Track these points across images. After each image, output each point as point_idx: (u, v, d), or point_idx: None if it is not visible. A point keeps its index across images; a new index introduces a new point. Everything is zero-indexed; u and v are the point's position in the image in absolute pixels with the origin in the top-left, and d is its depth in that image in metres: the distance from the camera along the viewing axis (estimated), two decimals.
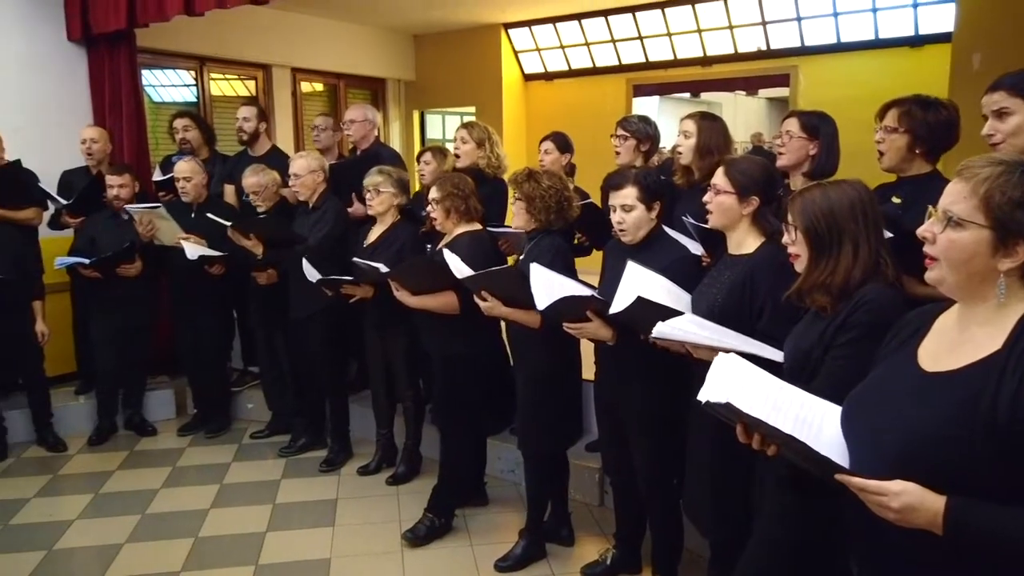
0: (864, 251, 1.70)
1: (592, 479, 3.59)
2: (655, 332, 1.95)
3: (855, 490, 1.28)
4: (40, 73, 5.19)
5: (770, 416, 1.48)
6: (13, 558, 3.22)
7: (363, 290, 3.50)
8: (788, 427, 1.45)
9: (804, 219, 1.76)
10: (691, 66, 7.42)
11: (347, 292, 3.55)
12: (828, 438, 1.46)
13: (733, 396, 1.49)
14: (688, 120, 2.91)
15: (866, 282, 1.69)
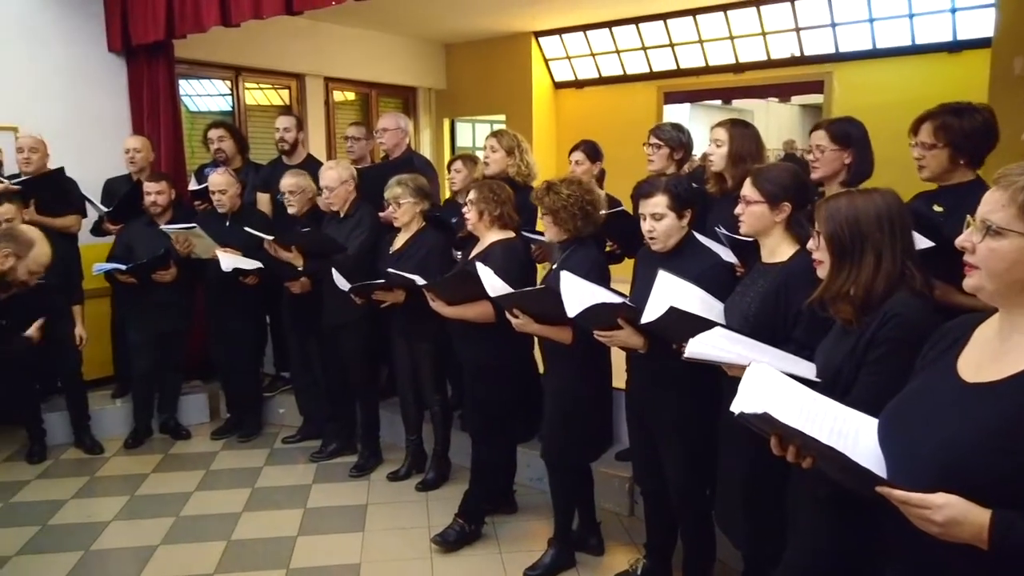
0: (887, 261, 1.68)
1: (622, 488, 3.56)
2: (687, 352, 1.93)
3: (896, 503, 1.25)
4: (82, 83, 5.33)
5: (805, 427, 1.46)
6: (52, 558, 3.28)
7: (395, 295, 3.52)
8: (824, 438, 1.43)
9: (828, 226, 1.74)
10: (723, 73, 7.37)
11: (379, 298, 3.57)
12: (864, 450, 1.43)
13: (770, 407, 1.47)
14: (719, 128, 2.89)
15: (891, 293, 1.66)
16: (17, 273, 2.80)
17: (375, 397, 4.24)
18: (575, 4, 6.90)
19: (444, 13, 7.02)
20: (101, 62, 5.44)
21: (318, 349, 4.30)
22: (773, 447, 1.58)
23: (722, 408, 1.97)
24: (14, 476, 4.12)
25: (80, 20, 5.31)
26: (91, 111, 5.35)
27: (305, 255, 3.90)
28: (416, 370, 3.81)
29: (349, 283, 3.58)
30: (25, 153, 4.39)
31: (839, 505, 1.68)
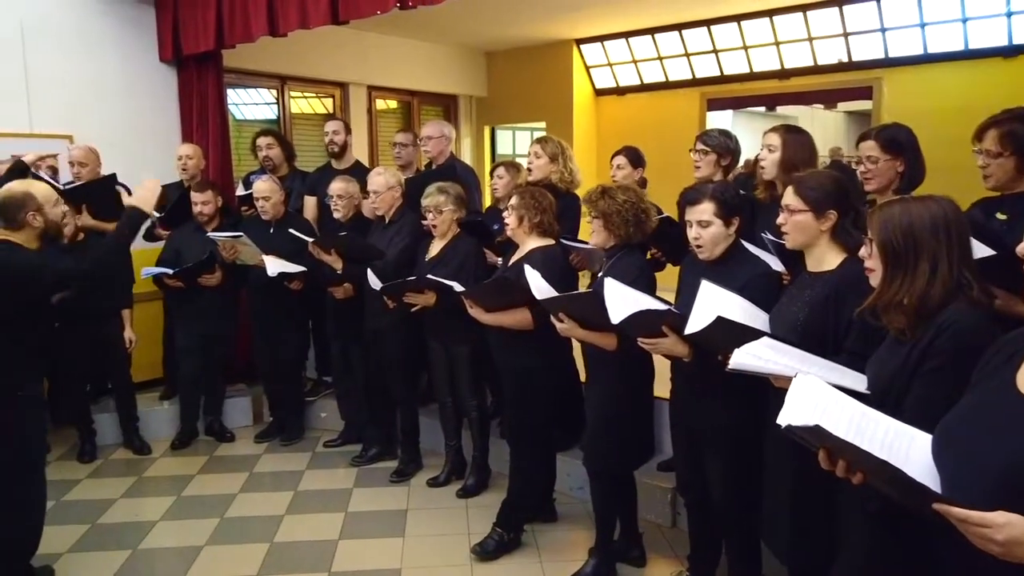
0: (943, 270, 1.62)
1: (664, 499, 3.52)
2: (732, 363, 1.90)
3: (955, 521, 1.21)
4: (134, 93, 5.48)
5: (856, 440, 1.42)
6: (102, 556, 3.36)
7: (425, 298, 3.52)
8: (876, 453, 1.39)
9: (881, 233, 1.70)
10: (768, 79, 7.27)
11: (409, 300, 3.58)
12: (917, 465, 1.40)
13: (820, 419, 1.44)
14: (772, 133, 2.84)
15: (947, 304, 1.61)
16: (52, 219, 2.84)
17: (415, 403, 4.26)
18: (617, 11, 6.88)
19: (486, 22, 7.06)
20: (153, 72, 5.59)
21: (360, 354, 4.34)
22: (821, 461, 1.55)
23: (769, 418, 1.93)
24: (66, 475, 4.23)
25: (133, 31, 5.46)
26: (143, 120, 5.49)
27: (344, 258, 3.94)
28: (453, 376, 3.82)
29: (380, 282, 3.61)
30: (75, 167, 4.53)
31: (890, 520, 1.63)
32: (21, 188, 2.84)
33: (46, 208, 2.81)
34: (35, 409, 2.87)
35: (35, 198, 2.79)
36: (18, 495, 2.81)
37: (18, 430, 2.78)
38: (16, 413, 2.77)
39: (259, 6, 4.71)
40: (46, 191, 2.87)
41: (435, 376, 3.95)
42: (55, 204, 2.86)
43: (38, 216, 2.79)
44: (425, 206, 3.63)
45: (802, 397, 1.53)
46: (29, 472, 2.85)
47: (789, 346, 1.90)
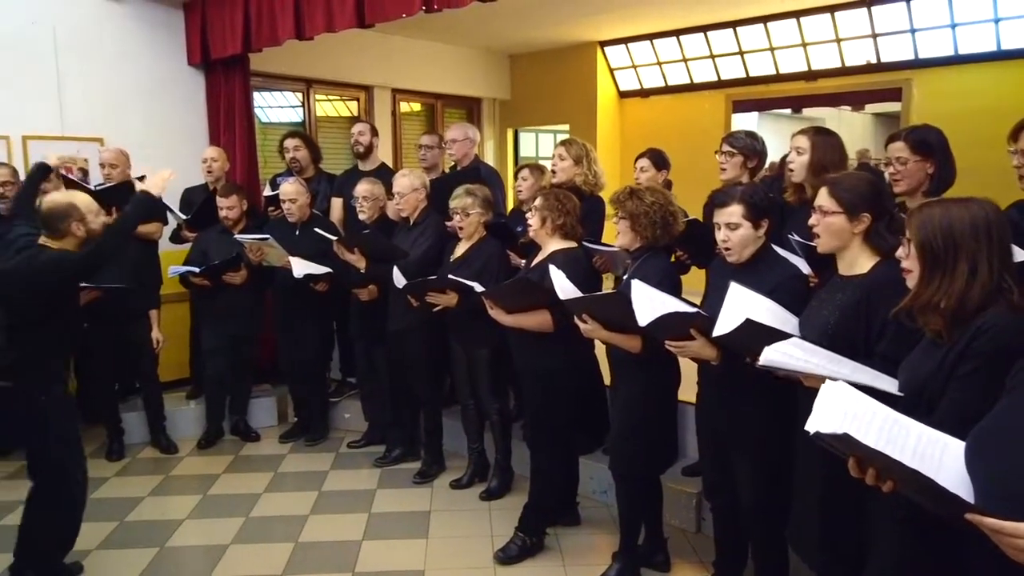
0: (983, 273, 1.60)
1: (689, 504, 3.49)
2: (762, 360, 1.88)
3: (988, 531, 1.19)
4: (163, 96, 5.56)
5: (886, 448, 1.40)
6: (129, 553, 3.40)
7: (447, 298, 3.52)
8: (906, 461, 1.37)
9: (920, 234, 1.67)
10: (794, 81, 7.19)
11: (431, 300, 3.58)
12: (949, 473, 1.37)
13: (849, 427, 1.42)
14: (801, 136, 2.81)
15: (985, 307, 1.58)
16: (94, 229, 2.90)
17: (438, 404, 4.26)
18: (642, 14, 6.85)
19: (510, 25, 7.06)
20: (181, 76, 5.67)
21: (383, 355, 4.35)
22: (851, 469, 1.53)
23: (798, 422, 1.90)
24: (95, 472, 4.24)
25: (163, 36, 5.54)
26: (171, 123, 5.57)
27: (368, 258, 3.95)
28: (474, 378, 3.82)
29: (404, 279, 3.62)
30: (106, 169, 4.61)
31: (920, 527, 1.61)
32: (65, 199, 2.91)
33: (88, 218, 2.88)
34: (62, 409, 2.91)
35: (78, 208, 2.86)
36: (56, 492, 2.86)
37: (50, 430, 2.83)
38: (43, 415, 2.82)
39: (286, 10, 4.76)
40: (88, 202, 2.93)
41: (457, 378, 3.95)
42: (97, 214, 2.94)
43: (81, 226, 2.87)
44: (452, 208, 3.63)
45: (831, 403, 1.50)
46: (65, 470, 2.89)
47: (819, 347, 1.88)
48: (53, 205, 2.86)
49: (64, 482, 2.90)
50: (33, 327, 2.79)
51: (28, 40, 4.97)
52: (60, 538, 2.95)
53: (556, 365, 3.16)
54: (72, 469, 2.93)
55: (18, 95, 4.96)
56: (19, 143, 4.98)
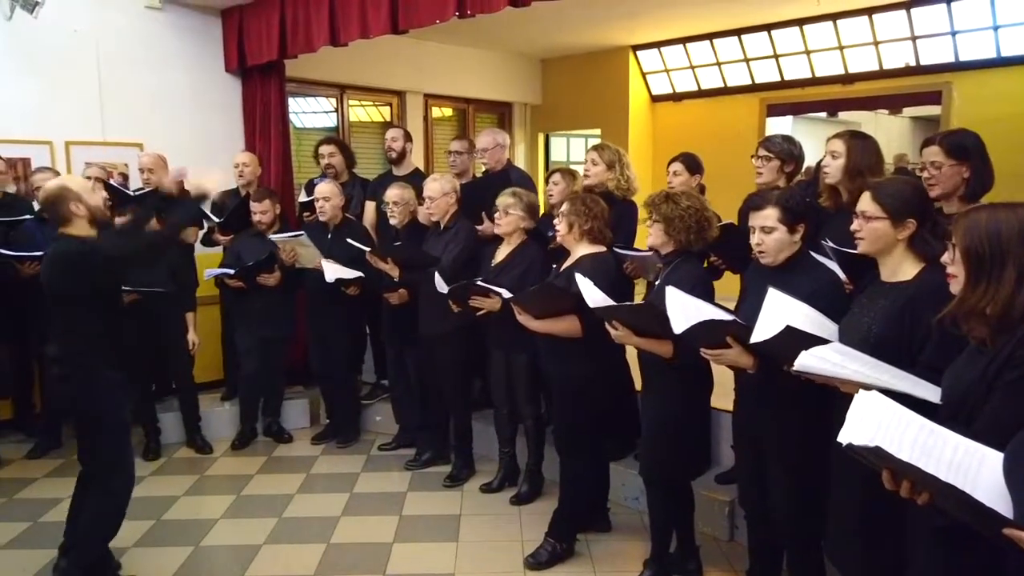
0: None
1: (722, 512, 3.45)
2: (797, 364, 1.85)
3: None
4: (200, 102, 5.67)
5: (920, 461, 1.37)
6: (165, 552, 3.45)
7: (492, 302, 3.52)
8: (942, 474, 1.34)
9: (966, 239, 1.63)
10: (830, 84, 7.09)
11: (475, 304, 3.59)
12: (987, 485, 1.34)
13: (882, 439, 1.39)
14: (836, 139, 2.77)
15: None
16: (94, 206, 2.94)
17: (468, 408, 4.27)
18: (675, 17, 6.81)
19: (542, 29, 7.07)
20: (219, 82, 5.77)
21: (414, 359, 4.37)
22: (885, 481, 1.50)
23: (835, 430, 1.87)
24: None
25: (201, 43, 5.65)
26: (208, 128, 5.67)
27: (400, 266, 3.97)
28: (511, 383, 3.81)
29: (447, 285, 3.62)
30: (145, 174, 4.71)
31: (959, 538, 1.56)
32: (54, 184, 2.96)
33: (84, 196, 2.90)
34: (113, 399, 2.94)
35: (71, 189, 2.89)
36: (103, 481, 2.93)
37: (101, 419, 2.91)
38: (97, 396, 2.89)
39: (321, 17, 4.83)
40: (80, 181, 2.99)
41: (492, 383, 3.95)
42: (92, 190, 2.98)
43: (80, 205, 2.87)
44: (496, 204, 3.64)
45: (864, 414, 1.48)
46: (113, 459, 2.95)
47: (858, 353, 1.85)
48: (47, 194, 2.92)
49: (112, 471, 2.96)
50: (80, 317, 2.84)
51: (71, 49, 5.10)
52: (103, 525, 3.00)
53: (586, 371, 3.14)
54: (119, 459, 2.99)
55: (62, 102, 5.09)
56: (62, 148, 5.11)
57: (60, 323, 2.91)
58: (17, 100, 4.93)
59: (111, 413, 2.92)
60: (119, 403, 2.96)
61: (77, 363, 2.88)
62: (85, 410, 2.94)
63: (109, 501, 2.96)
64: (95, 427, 2.93)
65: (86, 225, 2.91)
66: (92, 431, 2.95)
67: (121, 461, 2.99)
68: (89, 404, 2.91)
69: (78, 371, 2.88)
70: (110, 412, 2.92)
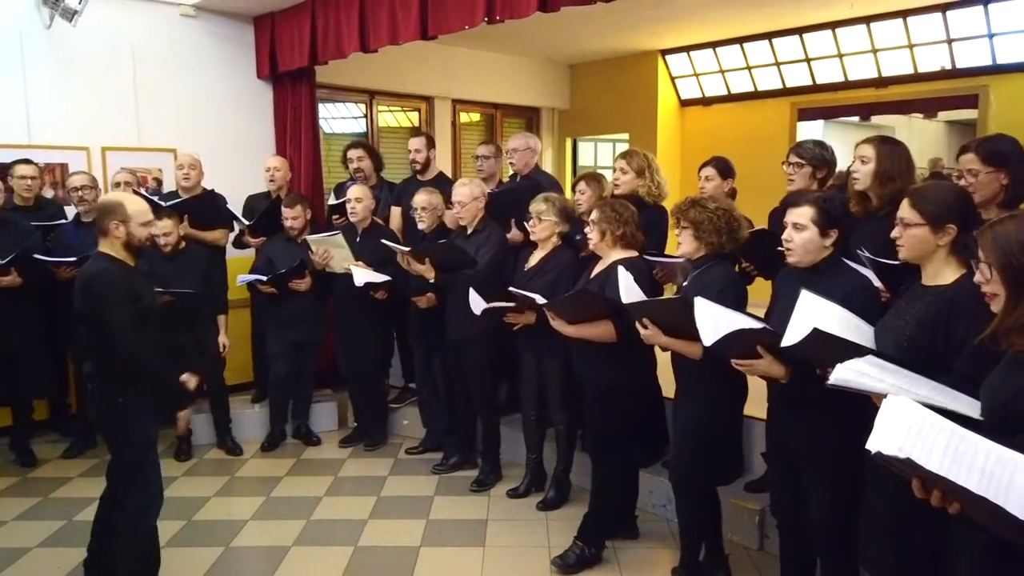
0: None
1: (752, 521, 3.40)
2: (832, 379, 1.82)
3: None
4: (233, 107, 5.75)
5: (951, 470, 1.34)
6: (196, 552, 3.49)
7: (526, 317, 3.52)
8: (973, 483, 1.30)
9: (998, 255, 1.59)
10: (863, 88, 6.99)
11: (511, 320, 3.59)
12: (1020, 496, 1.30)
13: (911, 449, 1.36)
14: (866, 145, 2.73)
15: None
16: (135, 235, 2.84)
17: (496, 413, 4.27)
18: (705, 21, 6.77)
19: (570, 34, 7.06)
20: (250, 88, 5.85)
21: (441, 363, 4.38)
22: (916, 490, 1.47)
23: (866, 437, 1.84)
24: (165, 472, 4.27)
25: (234, 50, 5.73)
26: (240, 133, 5.75)
27: (437, 268, 3.98)
28: (543, 388, 3.80)
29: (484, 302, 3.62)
30: (185, 170, 4.78)
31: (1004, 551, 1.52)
32: (115, 198, 2.94)
33: (131, 223, 2.81)
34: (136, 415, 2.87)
35: (123, 210, 2.82)
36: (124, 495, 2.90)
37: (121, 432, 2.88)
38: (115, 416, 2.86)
39: (351, 24, 4.87)
40: (138, 208, 2.87)
41: (522, 388, 3.94)
42: (143, 223, 2.86)
43: (121, 227, 2.80)
44: (529, 212, 3.64)
45: (893, 421, 1.44)
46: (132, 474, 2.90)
47: (895, 365, 1.81)
48: (103, 202, 2.92)
49: (128, 489, 2.90)
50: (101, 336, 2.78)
51: (108, 56, 5.21)
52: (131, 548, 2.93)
53: (619, 376, 3.13)
54: (136, 478, 2.91)
55: (98, 108, 5.20)
56: (98, 153, 5.21)
57: (84, 339, 2.89)
58: (56, 107, 5.04)
59: (129, 433, 2.87)
60: (139, 424, 2.89)
61: (97, 381, 2.86)
62: (106, 427, 2.94)
63: (125, 520, 2.89)
64: (114, 445, 2.92)
65: (120, 247, 2.84)
66: (112, 448, 2.94)
67: (138, 481, 2.89)
68: (109, 422, 2.90)
69: (99, 389, 2.86)
70: (128, 432, 2.87)
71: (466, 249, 3.92)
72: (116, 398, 2.83)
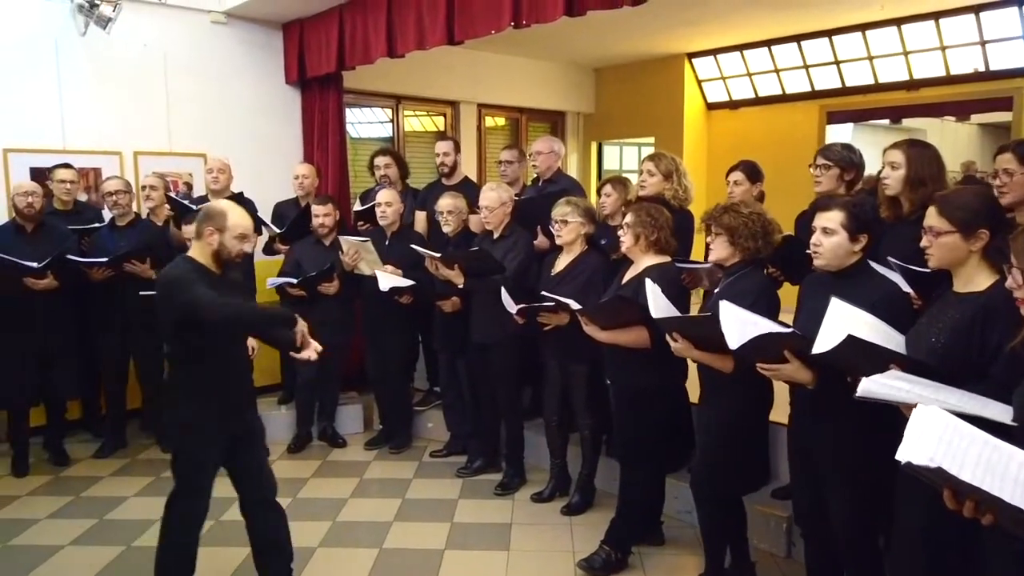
0: None
1: (779, 528, 3.36)
2: (860, 391, 1.79)
3: None
4: (261, 113, 5.83)
5: (984, 480, 1.31)
6: (225, 551, 3.53)
7: (559, 317, 3.51)
8: (1007, 493, 1.28)
9: None
10: (894, 90, 6.90)
11: (543, 320, 3.58)
12: None
13: (942, 459, 1.34)
14: (895, 150, 2.70)
15: None
16: (227, 246, 2.73)
17: (521, 417, 4.27)
18: (732, 24, 6.73)
19: (596, 38, 7.06)
20: (279, 94, 5.93)
21: (465, 366, 4.40)
22: (947, 501, 1.45)
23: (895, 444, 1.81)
24: None
25: (263, 56, 5.81)
26: (268, 139, 5.83)
27: (466, 273, 3.98)
28: (567, 393, 3.79)
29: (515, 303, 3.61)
30: (214, 173, 4.87)
31: None
32: (221, 206, 2.80)
33: (226, 234, 2.71)
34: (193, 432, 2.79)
35: (223, 218, 2.71)
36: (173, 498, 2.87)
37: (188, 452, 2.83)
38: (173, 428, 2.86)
39: (379, 29, 4.91)
40: (239, 222, 2.74)
41: (546, 393, 3.93)
42: (240, 238, 2.74)
43: (215, 235, 2.71)
44: (553, 217, 3.63)
45: (923, 430, 1.42)
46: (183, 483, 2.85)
47: (924, 378, 1.78)
48: (207, 207, 2.82)
49: (177, 493, 2.87)
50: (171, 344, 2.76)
51: (141, 62, 5.31)
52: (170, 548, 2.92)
53: (650, 381, 3.11)
54: (186, 487, 2.85)
55: (131, 114, 5.30)
56: (131, 158, 5.31)
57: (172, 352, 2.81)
58: (90, 112, 5.15)
59: (191, 453, 2.81)
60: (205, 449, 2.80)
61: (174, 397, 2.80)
62: (174, 441, 2.91)
63: (168, 519, 2.88)
64: (177, 456, 2.85)
65: (209, 255, 2.73)
66: (175, 458, 2.87)
67: (186, 490, 2.84)
68: (177, 436, 2.86)
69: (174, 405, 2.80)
70: (189, 451, 2.82)
71: (494, 255, 3.93)
72: (187, 415, 2.76)
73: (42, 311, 4.32)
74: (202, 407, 2.77)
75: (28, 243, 4.27)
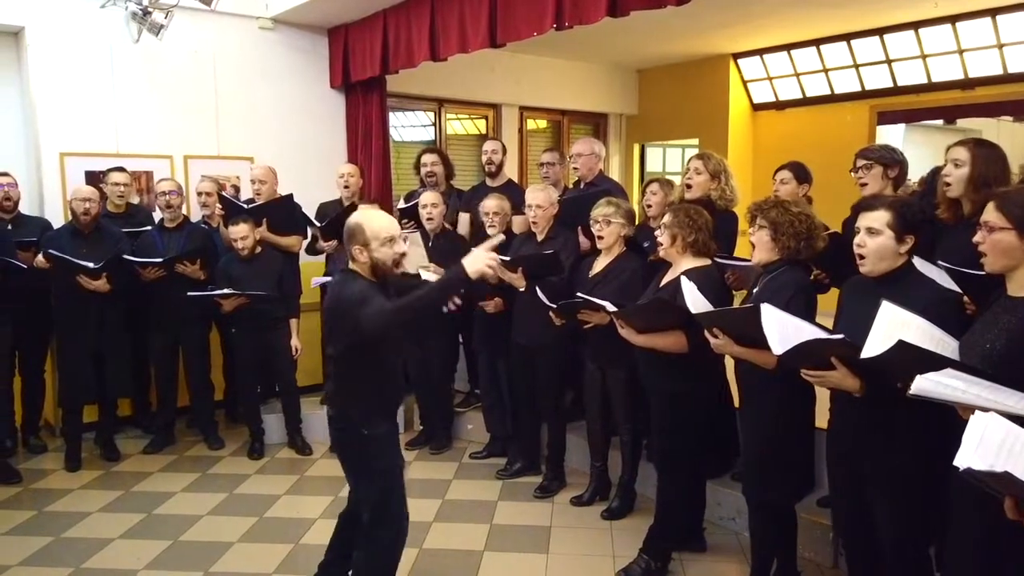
0: None
1: (825, 537, 3.28)
2: (914, 389, 1.73)
3: None
4: (307, 116, 5.92)
5: None
6: (267, 548, 3.59)
7: (600, 316, 3.46)
8: None
9: None
10: (948, 90, 6.70)
11: (583, 319, 3.55)
12: None
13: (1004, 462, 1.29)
14: (960, 148, 2.60)
15: None
16: (378, 258, 2.61)
17: (562, 420, 4.25)
18: (779, 24, 6.61)
19: (639, 40, 7.00)
20: (324, 98, 6.02)
21: (506, 368, 4.39)
22: (1008, 511, 1.39)
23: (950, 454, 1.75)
24: (239, 469, 4.59)
25: (309, 61, 5.91)
26: (313, 142, 5.92)
27: (528, 276, 3.91)
28: (607, 397, 3.76)
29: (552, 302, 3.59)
30: (255, 185, 4.97)
31: None
32: (356, 221, 2.66)
33: (372, 245, 2.59)
34: (383, 446, 2.76)
35: (363, 233, 2.60)
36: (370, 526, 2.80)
37: (371, 464, 2.76)
38: (363, 454, 2.73)
39: (422, 34, 4.95)
40: (379, 228, 2.62)
41: (587, 397, 3.90)
42: (385, 243, 2.61)
43: (364, 252, 2.60)
44: (593, 216, 3.60)
45: (983, 437, 1.38)
46: (386, 504, 2.80)
47: (980, 377, 1.72)
48: (347, 224, 2.67)
49: (377, 522, 2.79)
50: (349, 358, 2.67)
51: (191, 68, 5.44)
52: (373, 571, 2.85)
53: (687, 387, 3.07)
54: (382, 512, 2.79)
55: (182, 118, 5.43)
56: (181, 162, 5.44)
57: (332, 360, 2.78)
58: (143, 117, 5.29)
59: (372, 469, 2.74)
60: (384, 460, 2.76)
61: (348, 406, 2.73)
62: (350, 462, 2.81)
63: (375, 550, 2.79)
64: (359, 480, 2.80)
65: (368, 271, 2.64)
66: (357, 484, 2.82)
67: (385, 517, 2.78)
68: (354, 456, 2.77)
69: (343, 424, 2.74)
70: (371, 468, 2.74)
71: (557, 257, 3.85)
72: (360, 431, 2.69)
73: (96, 312, 4.46)
74: (383, 419, 2.75)
75: (84, 245, 4.41)
